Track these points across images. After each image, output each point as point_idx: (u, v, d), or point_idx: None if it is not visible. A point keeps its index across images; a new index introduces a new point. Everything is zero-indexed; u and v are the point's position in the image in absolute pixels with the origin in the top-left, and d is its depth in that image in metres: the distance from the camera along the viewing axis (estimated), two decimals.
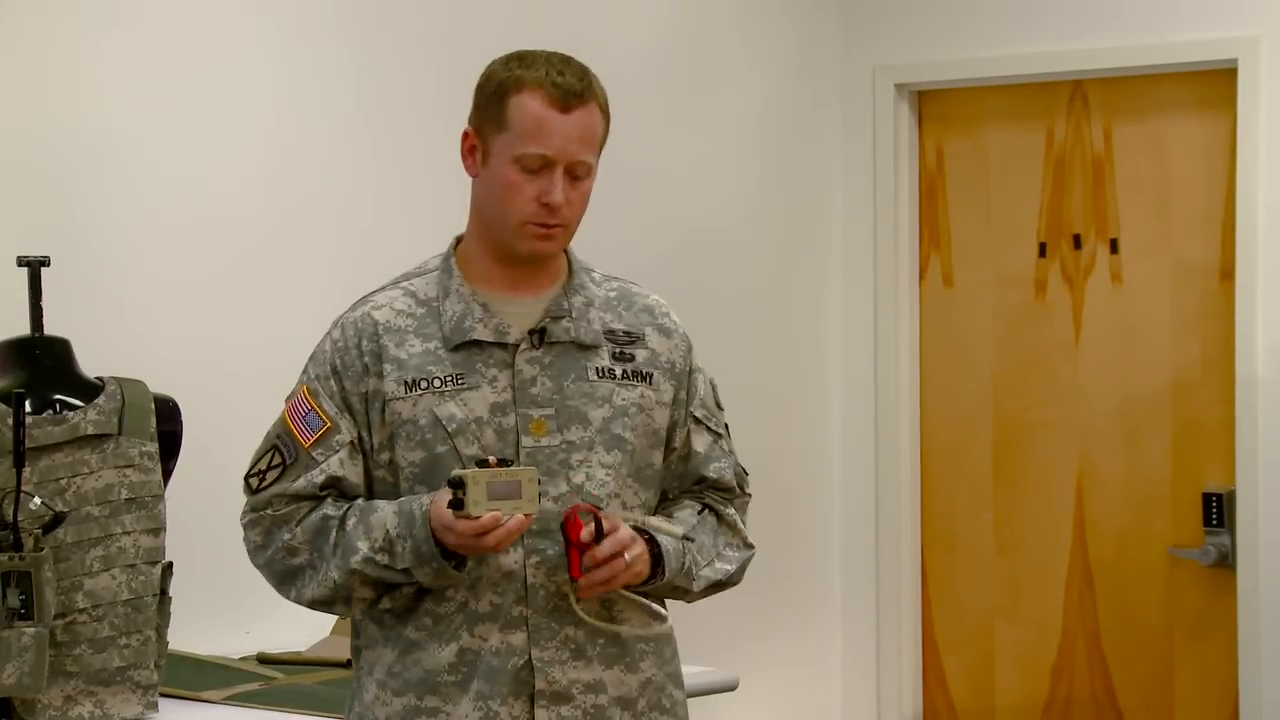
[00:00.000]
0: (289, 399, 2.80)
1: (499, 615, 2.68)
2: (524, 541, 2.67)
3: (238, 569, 3.95)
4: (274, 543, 2.74)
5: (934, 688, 4.77)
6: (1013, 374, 4.67)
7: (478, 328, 2.71)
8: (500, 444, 2.69)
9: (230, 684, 3.56)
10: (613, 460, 2.71)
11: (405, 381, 2.71)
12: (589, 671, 2.69)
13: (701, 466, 2.78)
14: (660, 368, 2.77)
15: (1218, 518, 4.29)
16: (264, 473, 2.76)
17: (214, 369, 3.90)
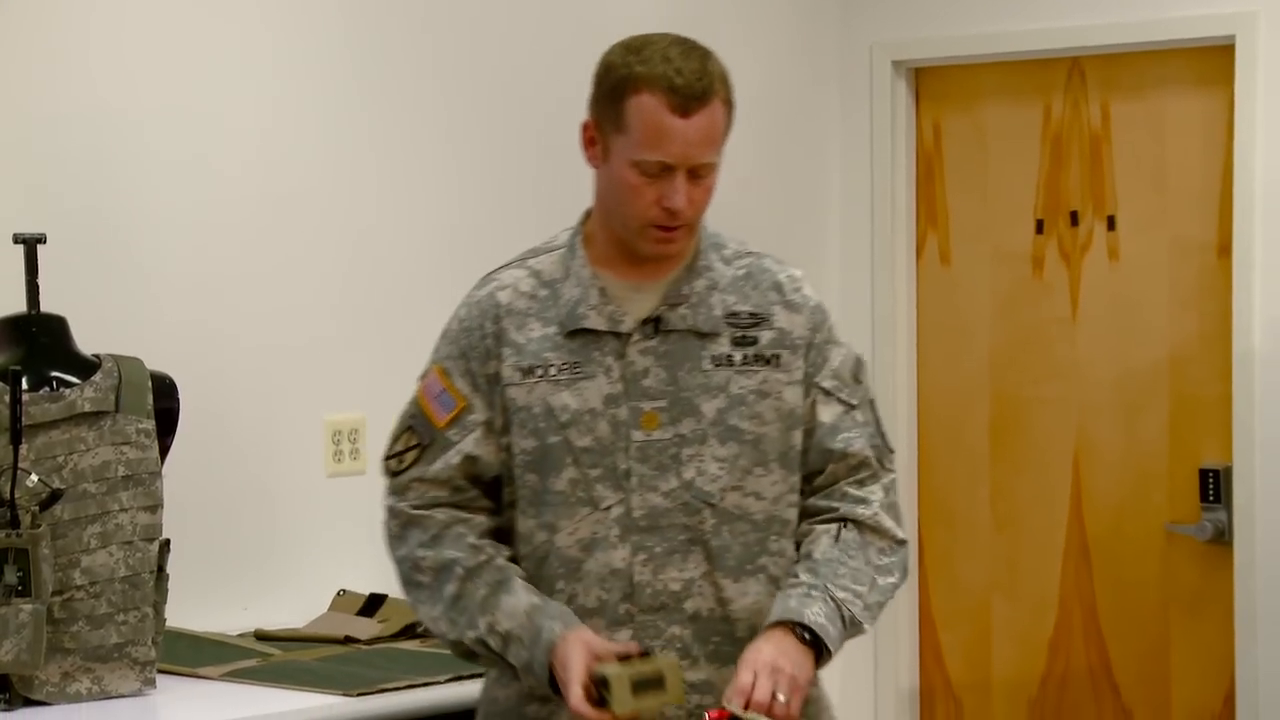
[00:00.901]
0: (422, 378, 2.75)
1: (605, 611, 2.64)
2: (631, 539, 2.64)
3: (235, 546, 3.97)
4: (406, 544, 2.70)
5: (931, 664, 4.77)
6: (1010, 351, 4.67)
7: (591, 315, 2.65)
8: (613, 436, 2.63)
9: (228, 660, 3.57)
10: (727, 453, 2.65)
11: (521, 368, 2.66)
12: (695, 672, 2.65)
13: (827, 438, 2.68)
14: (789, 346, 2.68)
15: (1214, 493, 4.30)
16: (401, 454, 2.72)
17: (211, 346, 3.90)
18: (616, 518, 2.64)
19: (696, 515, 2.65)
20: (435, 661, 3.60)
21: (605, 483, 2.64)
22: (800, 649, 2.53)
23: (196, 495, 3.80)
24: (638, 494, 2.64)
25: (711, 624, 2.66)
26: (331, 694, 3.33)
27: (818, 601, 2.56)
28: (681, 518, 2.64)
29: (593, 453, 2.64)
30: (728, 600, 2.65)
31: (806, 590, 2.58)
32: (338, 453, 4.11)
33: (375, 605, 3.95)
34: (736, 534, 2.66)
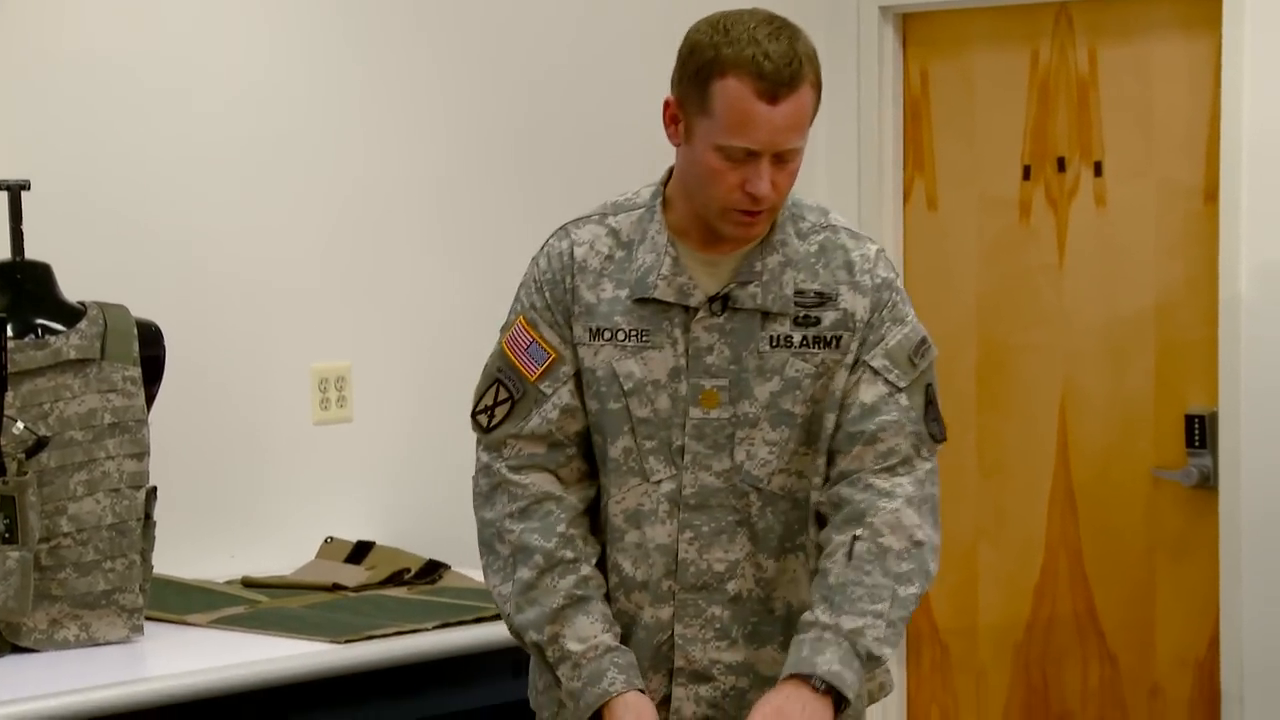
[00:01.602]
0: (505, 329, 2.68)
1: (650, 587, 2.62)
2: (679, 516, 2.61)
3: (222, 493, 3.97)
4: (494, 507, 2.65)
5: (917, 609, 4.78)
6: (996, 297, 4.67)
7: (661, 285, 2.59)
8: (671, 410, 2.59)
9: (215, 607, 3.57)
10: (778, 437, 2.60)
11: (590, 328, 2.62)
12: (733, 653, 2.63)
13: (861, 420, 2.58)
14: (850, 328, 2.60)
15: (1200, 439, 4.30)
16: (491, 409, 2.65)
17: (197, 294, 3.89)
18: (666, 493, 2.61)
19: (744, 498, 2.62)
20: (423, 609, 3.60)
21: (658, 456, 2.61)
22: (815, 698, 2.45)
23: (183, 443, 3.80)
24: (690, 472, 2.61)
25: (751, 604, 2.63)
26: (319, 641, 3.33)
27: (830, 646, 2.48)
28: (730, 499, 2.61)
29: (649, 424, 2.61)
30: (768, 580, 2.63)
31: (819, 634, 2.49)
32: (324, 400, 4.11)
33: (363, 552, 3.95)
34: (779, 513, 2.63)
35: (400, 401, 4.22)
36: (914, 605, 2.55)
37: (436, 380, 4.22)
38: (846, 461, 2.59)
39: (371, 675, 3.32)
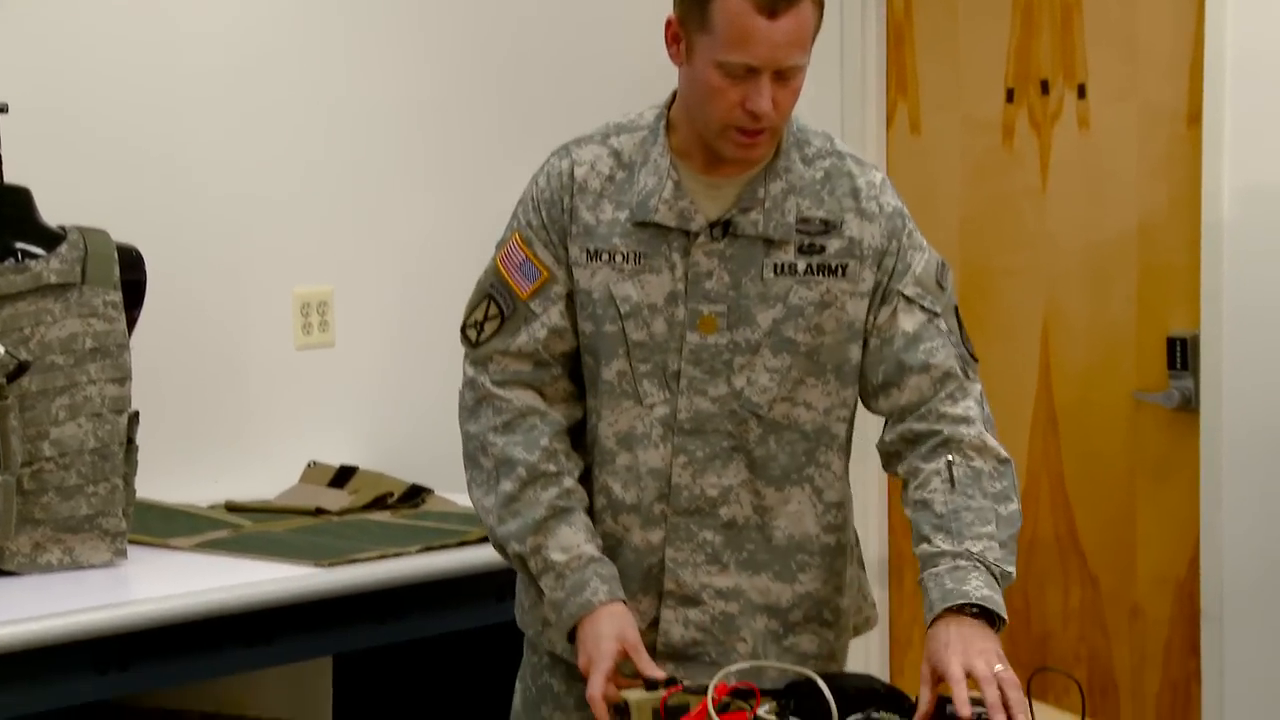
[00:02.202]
0: (500, 245, 2.68)
1: (640, 510, 2.63)
2: (673, 440, 2.61)
3: (204, 418, 3.97)
4: (478, 421, 2.65)
5: (900, 534, 4.81)
6: (979, 221, 4.66)
7: (661, 209, 2.58)
8: (667, 335, 2.59)
9: (199, 532, 3.58)
10: (779, 364, 2.59)
11: (588, 250, 2.61)
12: (724, 578, 2.63)
13: (908, 350, 2.59)
14: (857, 256, 2.59)
15: (1181, 362, 4.31)
16: (481, 324, 2.66)
17: (178, 218, 3.88)
18: (660, 417, 2.61)
19: (742, 424, 2.61)
20: (406, 533, 3.61)
21: (653, 380, 2.61)
22: (980, 625, 2.44)
23: (165, 368, 3.80)
24: (685, 396, 2.60)
25: (746, 532, 2.64)
26: (303, 564, 3.34)
27: (970, 572, 2.46)
28: (727, 425, 2.61)
29: (645, 348, 2.60)
30: (767, 508, 2.63)
31: (953, 562, 2.48)
32: (306, 325, 4.10)
33: (346, 477, 3.96)
34: (783, 443, 2.62)
35: (383, 326, 4.22)
36: (1019, 521, 2.54)
37: (419, 305, 4.22)
38: (906, 394, 2.59)
39: (354, 599, 3.33)
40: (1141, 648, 4.43)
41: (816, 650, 2.68)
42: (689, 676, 2.61)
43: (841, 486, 2.69)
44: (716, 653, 2.63)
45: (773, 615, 2.66)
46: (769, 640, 2.65)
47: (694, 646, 2.64)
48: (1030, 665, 4.41)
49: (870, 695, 2.55)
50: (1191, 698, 4.34)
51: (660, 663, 2.63)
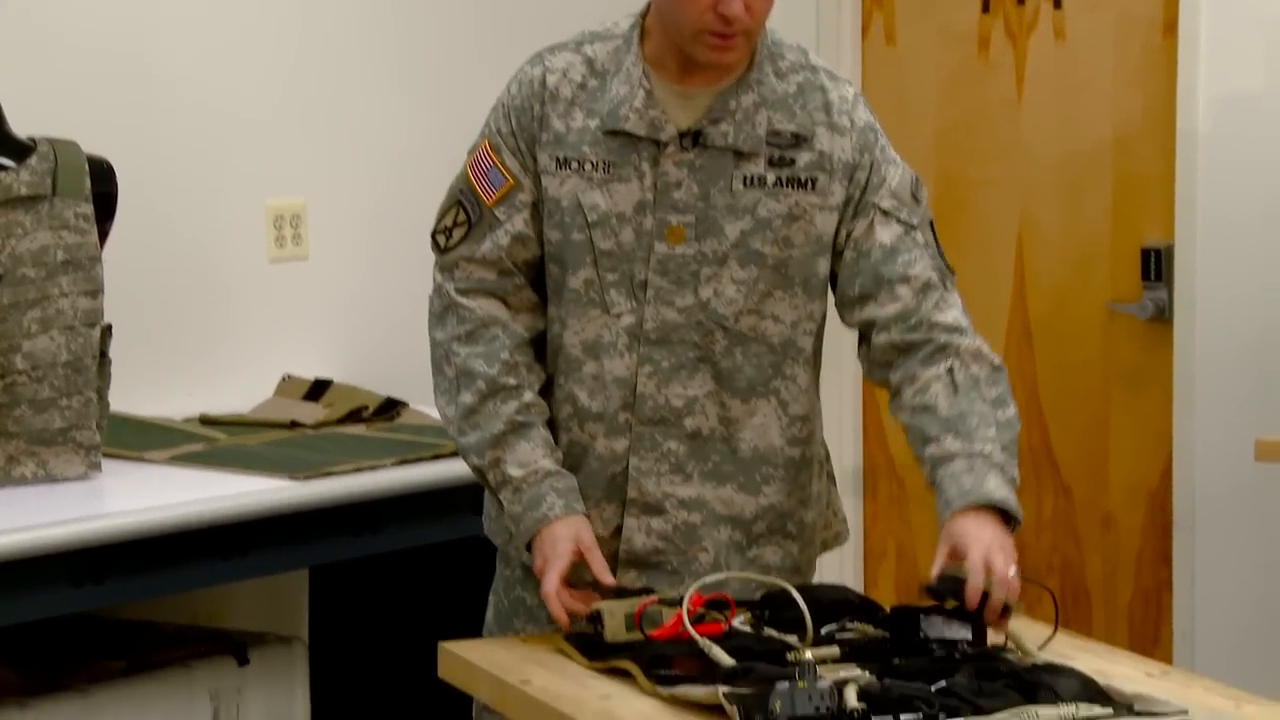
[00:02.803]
0: (471, 152, 2.68)
1: (605, 418, 2.63)
2: (639, 350, 2.62)
3: (178, 331, 3.95)
4: (444, 328, 2.67)
5: (874, 444, 4.82)
6: (955, 132, 4.65)
7: (632, 118, 2.57)
8: (635, 244, 2.59)
9: (173, 445, 3.57)
10: (746, 276, 2.59)
11: (558, 158, 2.61)
12: (687, 488, 2.64)
13: (886, 262, 2.59)
14: (827, 170, 2.59)
15: (1156, 272, 4.32)
16: (450, 230, 2.66)
17: (149, 130, 3.85)
18: (626, 326, 2.62)
19: (709, 335, 2.62)
20: (381, 445, 3.61)
21: (620, 289, 2.61)
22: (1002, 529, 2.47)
23: (137, 281, 3.78)
24: (652, 306, 2.61)
25: (711, 443, 2.65)
26: (277, 477, 3.34)
27: (986, 471, 2.49)
28: (693, 336, 2.62)
29: (612, 257, 2.61)
30: (733, 420, 2.64)
31: (969, 462, 2.50)
32: (280, 238, 4.09)
33: (320, 390, 3.95)
34: (749, 356, 2.63)
35: (356, 239, 4.20)
36: (1018, 425, 2.57)
37: (392, 217, 4.20)
38: (886, 306, 2.60)
39: (330, 511, 3.33)
40: (1114, 557, 4.46)
41: (780, 563, 2.70)
42: (651, 585, 2.63)
43: (807, 400, 2.70)
44: (678, 562, 2.65)
45: (736, 526, 2.67)
46: (732, 551, 2.67)
47: (656, 555, 2.65)
48: None
49: (844, 606, 2.57)
50: (1163, 606, 4.37)
51: (622, 570, 2.65)
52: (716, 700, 2.24)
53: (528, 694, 2.41)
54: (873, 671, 2.28)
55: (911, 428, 2.57)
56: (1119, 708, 2.22)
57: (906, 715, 2.13)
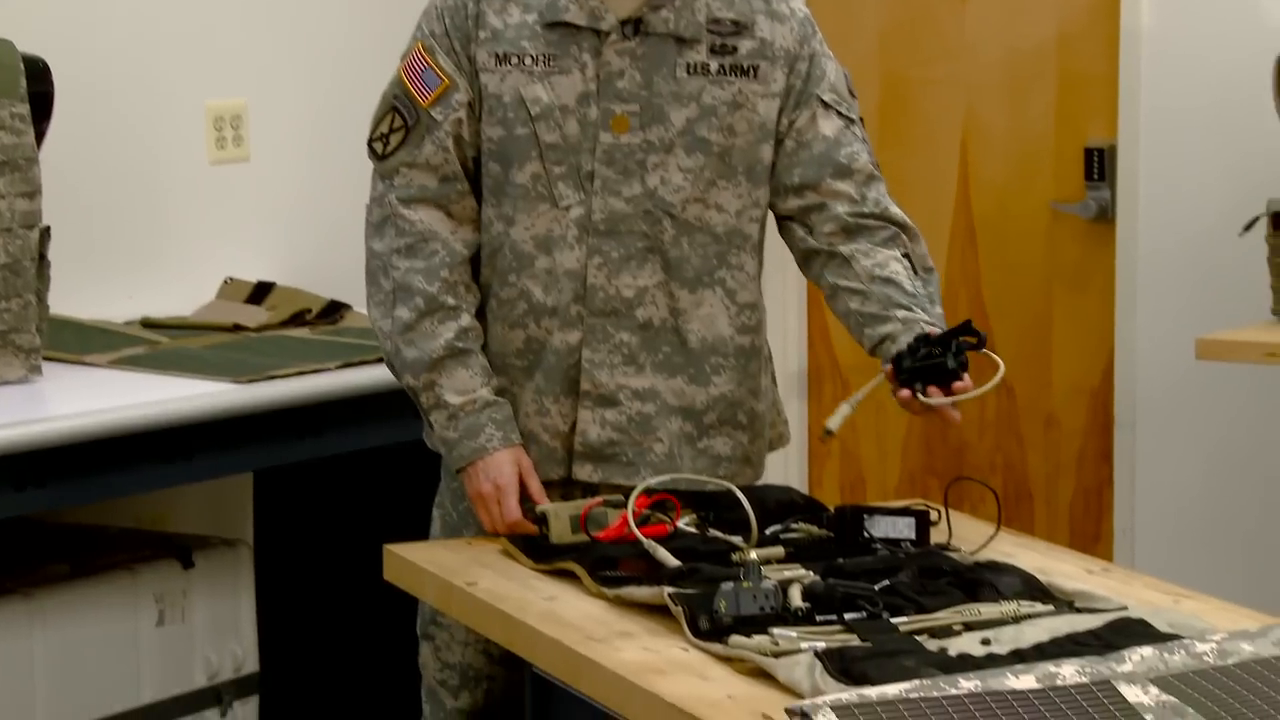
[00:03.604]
0: (404, 57, 2.67)
1: (558, 312, 2.64)
2: (588, 241, 2.62)
3: (117, 234, 3.92)
4: (383, 239, 2.65)
5: (819, 345, 4.83)
6: (899, 31, 4.64)
7: (571, 8, 2.58)
8: (580, 136, 2.60)
9: (115, 348, 3.55)
10: (693, 164, 2.62)
11: (496, 54, 2.61)
12: (640, 379, 2.66)
13: (830, 152, 2.65)
14: (769, 57, 2.63)
15: (1099, 172, 4.32)
16: (386, 136, 2.66)
17: (85, 28, 3.80)
18: (575, 218, 2.62)
19: (657, 225, 2.63)
20: (325, 349, 3.60)
21: (567, 181, 2.62)
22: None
23: (76, 182, 3.75)
24: (599, 197, 2.61)
25: (663, 334, 2.66)
26: (221, 381, 3.33)
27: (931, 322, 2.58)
28: (641, 225, 2.63)
29: (558, 149, 2.61)
30: (681, 311, 2.66)
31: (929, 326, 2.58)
32: (220, 139, 4.05)
33: (263, 293, 3.94)
34: (696, 245, 2.65)
35: (298, 140, 4.17)
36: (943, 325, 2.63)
37: (334, 117, 4.17)
38: (832, 194, 2.65)
39: (274, 415, 3.32)
40: (1056, 456, 4.49)
41: (731, 453, 2.72)
42: (606, 477, 2.64)
43: (755, 288, 2.72)
44: (633, 453, 2.66)
45: (687, 418, 2.69)
46: (684, 442, 2.69)
47: (610, 447, 2.67)
48: (947, 475, 4.47)
49: (789, 507, 2.58)
50: (1104, 504, 4.41)
51: (578, 464, 2.67)
52: (662, 601, 2.25)
53: (473, 596, 2.42)
54: (817, 571, 2.30)
55: (873, 293, 2.61)
56: (1060, 604, 2.24)
57: (851, 614, 2.15)
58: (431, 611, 2.77)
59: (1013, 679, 1.84)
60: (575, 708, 2.28)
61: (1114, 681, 1.85)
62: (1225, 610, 2.28)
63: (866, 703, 1.78)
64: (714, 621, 2.15)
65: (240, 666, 3.58)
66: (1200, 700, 1.83)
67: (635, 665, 2.11)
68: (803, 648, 2.05)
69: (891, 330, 2.57)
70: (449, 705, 2.78)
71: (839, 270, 2.64)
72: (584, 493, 2.66)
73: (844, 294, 2.63)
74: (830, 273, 2.66)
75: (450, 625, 2.75)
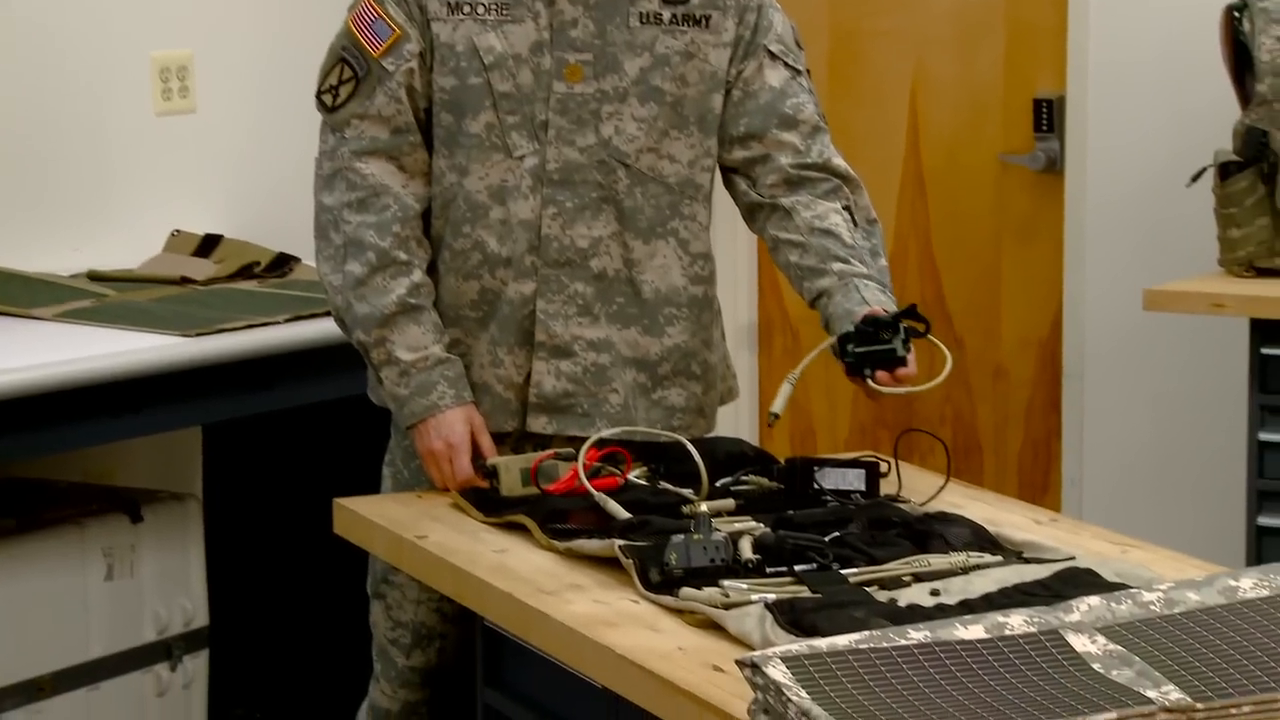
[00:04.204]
0: (352, 8, 2.65)
1: (513, 262, 2.63)
2: (542, 191, 2.61)
3: (63, 186, 3.89)
4: (333, 193, 2.63)
5: (769, 298, 4.84)
6: None
7: None
8: (534, 85, 2.59)
9: (61, 301, 3.53)
10: (647, 113, 2.62)
11: (449, 3, 2.60)
12: (594, 330, 2.65)
13: (776, 102, 2.66)
14: (720, 7, 2.63)
15: (1047, 123, 4.33)
16: (336, 88, 2.63)
17: None
18: (530, 168, 2.62)
19: (611, 174, 2.63)
20: (273, 302, 3.58)
21: (521, 131, 2.61)
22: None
23: (20, 134, 3.71)
24: (554, 147, 2.61)
25: (617, 285, 2.66)
26: (169, 334, 3.31)
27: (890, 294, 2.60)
28: (595, 175, 2.62)
29: (512, 99, 2.60)
30: (635, 262, 2.65)
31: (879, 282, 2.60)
32: (166, 90, 4.02)
33: (211, 246, 3.91)
34: (649, 196, 2.65)
35: (244, 90, 4.14)
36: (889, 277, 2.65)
37: (282, 68, 4.14)
38: (777, 145, 2.66)
39: (222, 368, 3.31)
40: (1005, 407, 4.51)
41: (684, 404, 2.72)
42: (561, 428, 2.64)
43: (707, 239, 2.73)
44: (588, 404, 2.67)
45: (641, 369, 2.70)
46: (638, 393, 2.69)
47: (566, 398, 2.67)
48: (897, 427, 4.49)
49: (739, 459, 2.59)
50: (1052, 454, 4.43)
51: (533, 416, 2.67)
52: (612, 554, 2.25)
53: (424, 549, 2.41)
54: (767, 523, 2.31)
55: (811, 245, 2.62)
56: (1008, 555, 2.25)
57: (801, 566, 2.16)
58: (383, 570, 2.77)
59: (961, 629, 1.85)
60: (526, 660, 2.28)
61: (1062, 631, 1.86)
62: (1172, 560, 2.29)
63: (816, 654, 1.79)
64: (664, 574, 2.15)
65: (190, 621, 3.57)
66: (1147, 649, 1.85)
67: (586, 618, 2.11)
68: (753, 599, 2.06)
69: (828, 285, 2.58)
70: (400, 664, 2.78)
71: (780, 222, 2.65)
72: (536, 446, 2.66)
73: (784, 246, 2.64)
74: (772, 225, 2.67)
75: (402, 584, 2.75)
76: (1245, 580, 1.96)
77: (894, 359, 2.46)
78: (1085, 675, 1.80)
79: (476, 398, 2.65)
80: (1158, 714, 1.76)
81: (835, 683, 1.75)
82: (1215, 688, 1.79)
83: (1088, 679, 1.80)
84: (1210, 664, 1.83)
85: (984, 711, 1.74)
